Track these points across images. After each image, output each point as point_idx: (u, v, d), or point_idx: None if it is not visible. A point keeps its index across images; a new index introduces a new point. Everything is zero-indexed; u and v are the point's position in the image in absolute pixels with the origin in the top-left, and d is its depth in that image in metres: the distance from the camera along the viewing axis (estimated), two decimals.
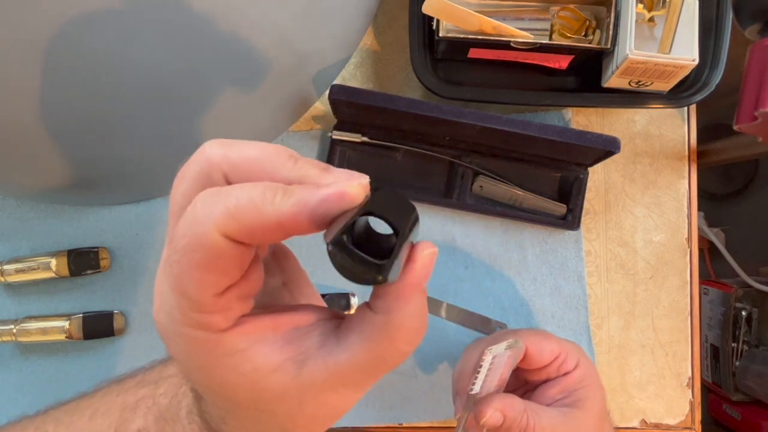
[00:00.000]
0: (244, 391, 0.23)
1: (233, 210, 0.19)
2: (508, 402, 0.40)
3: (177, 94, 0.41)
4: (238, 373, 0.22)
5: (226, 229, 0.20)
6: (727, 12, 0.48)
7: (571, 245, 0.54)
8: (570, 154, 0.50)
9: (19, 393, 0.52)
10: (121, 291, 0.53)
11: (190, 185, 0.22)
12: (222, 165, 0.21)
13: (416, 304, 0.22)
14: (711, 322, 0.92)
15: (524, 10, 0.49)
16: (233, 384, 0.22)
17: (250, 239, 0.20)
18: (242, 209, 0.19)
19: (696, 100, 0.49)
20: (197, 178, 0.21)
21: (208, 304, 0.21)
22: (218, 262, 0.20)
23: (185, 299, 0.21)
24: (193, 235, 0.20)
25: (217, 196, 0.20)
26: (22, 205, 0.53)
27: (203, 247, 0.20)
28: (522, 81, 0.52)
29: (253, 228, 0.20)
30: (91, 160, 0.44)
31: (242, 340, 0.22)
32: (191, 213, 0.20)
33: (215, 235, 0.20)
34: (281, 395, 0.22)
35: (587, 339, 0.53)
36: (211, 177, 0.21)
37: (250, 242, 0.20)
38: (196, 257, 0.20)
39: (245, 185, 0.20)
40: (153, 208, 0.53)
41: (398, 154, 0.52)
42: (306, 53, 0.47)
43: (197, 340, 0.22)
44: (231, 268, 0.21)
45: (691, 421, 0.54)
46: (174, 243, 0.21)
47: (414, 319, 0.22)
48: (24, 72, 0.34)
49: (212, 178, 0.21)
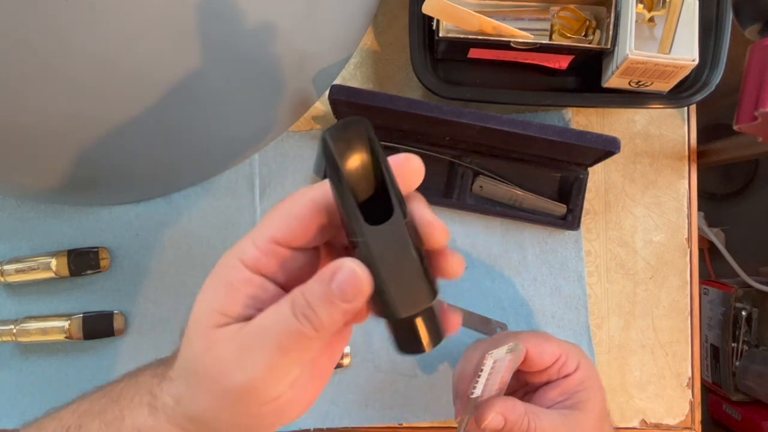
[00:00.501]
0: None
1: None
2: (509, 405, 0.40)
3: (177, 94, 0.41)
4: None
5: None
6: (727, 12, 0.48)
7: (571, 245, 0.54)
8: (570, 154, 0.50)
9: (18, 393, 0.52)
10: (121, 291, 0.53)
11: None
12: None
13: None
14: (711, 322, 0.92)
15: (524, 11, 0.49)
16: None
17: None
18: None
19: (696, 100, 0.49)
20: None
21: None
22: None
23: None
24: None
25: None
26: (22, 205, 0.53)
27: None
28: (522, 81, 0.52)
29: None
30: (91, 160, 0.44)
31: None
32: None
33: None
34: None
35: (587, 339, 0.53)
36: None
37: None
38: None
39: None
40: (153, 208, 0.53)
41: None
42: (306, 53, 0.47)
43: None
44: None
45: (691, 421, 0.54)
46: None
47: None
48: (24, 72, 0.34)
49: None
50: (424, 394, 0.53)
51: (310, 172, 0.53)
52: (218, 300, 0.27)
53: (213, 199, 0.53)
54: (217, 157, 0.51)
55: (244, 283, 0.27)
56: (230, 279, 0.27)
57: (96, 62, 0.35)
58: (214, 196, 0.53)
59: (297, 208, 0.26)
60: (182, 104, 0.42)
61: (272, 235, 0.26)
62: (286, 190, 0.53)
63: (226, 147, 0.50)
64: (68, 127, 0.40)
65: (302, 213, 0.26)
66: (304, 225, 0.27)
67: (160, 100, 0.41)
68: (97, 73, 0.36)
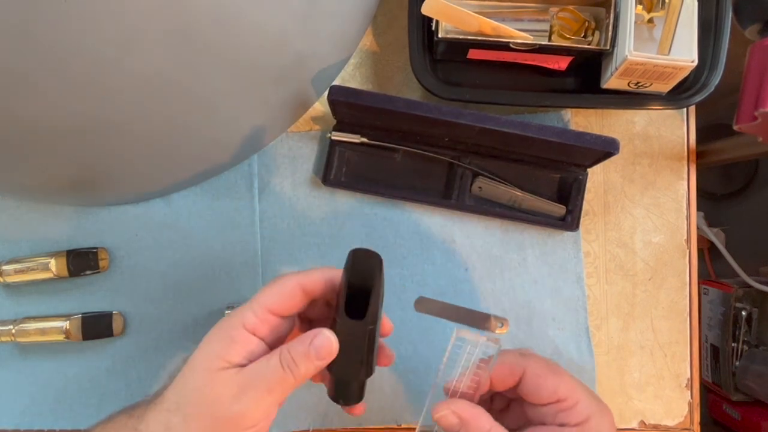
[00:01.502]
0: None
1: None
2: (473, 412, 0.37)
3: (177, 95, 0.41)
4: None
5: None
6: (726, 13, 0.48)
7: (570, 246, 0.54)
8: (569, 155, 0.50)
9: (17, 393, 0.52)
10: (120, 291, 0.53)
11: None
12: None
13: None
14: (711, 322, 0.92)
15: (523, 11, 0.49)
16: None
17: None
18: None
19: (695, 101, 0.49)
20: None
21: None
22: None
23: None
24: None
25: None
26: (21, 205, 0.53)
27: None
28: (521, 82, 0.52)
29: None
30: (91, 160, 0.44)
31: None
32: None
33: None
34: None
35: (586, 340, 0.53)
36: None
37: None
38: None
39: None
40: (152, 208, 0.53)
41: (397, 155, 0.52)
42: (305, 54, 0.47)
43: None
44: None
45: (690, 422, 0.54)
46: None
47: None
48: (24, 72, 0.34)
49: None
50: (423, 395, 0.53)
51: (309, 172, 0.53)
52: (222, 349, 0.35)
53: (212, 199, 0.53)
54: (217, 157, 0.51)
55: (244, 341, 0.35)
56: (233, 336, 0.35)
57: (95, 62, 0.35)
58: (213, 197, 0.53)
59: (289, 289, 0.37)
60: (181, 105, 0.42)
61: (268, 307, 0.36)
62: (285, 191, 0.53)
63: (225, 147, 0.50)
64: (68, 127, 0.40)
65: (293, 293, 0.37)
66: (293, 302, 0.37)
67: (160, 101, 0.41)
68: (97, 73, 0.36)
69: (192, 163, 0.50)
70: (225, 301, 0.53)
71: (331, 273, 0.37)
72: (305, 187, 0.53)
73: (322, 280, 0.37)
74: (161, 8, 0.34)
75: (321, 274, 0.37)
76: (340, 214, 0.53)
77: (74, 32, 0.33)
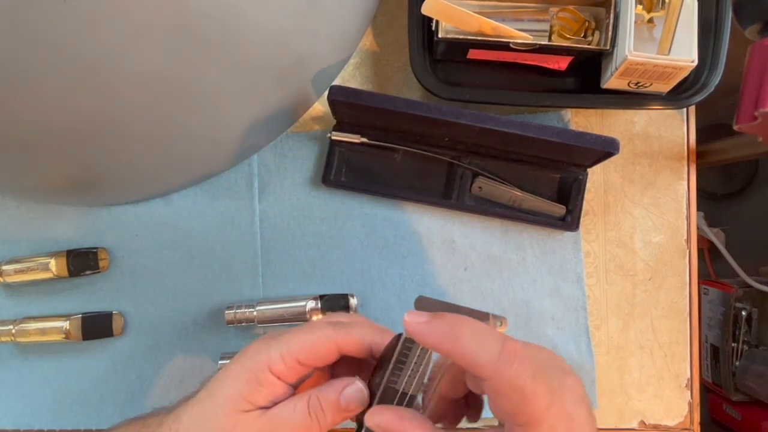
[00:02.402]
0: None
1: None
2: (415, 425, 0.31)
3: (176, 95, 0.41)
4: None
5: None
6: (726, 13, 0.48)
7: (570, 246, 0.54)
8: (569, 155, 0.50)
9: (17, 393, 0.52)
10: (120, 291, 0.53)
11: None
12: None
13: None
14: (711, 322, 0.92)
15: (523, 11, 0.49)
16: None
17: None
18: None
19: (695, 101, 0.49)
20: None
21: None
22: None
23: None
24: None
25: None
26: (21, 205, 0.53)
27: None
28: (521, 82, 0.52)
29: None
30: (90, 160, 0.44)
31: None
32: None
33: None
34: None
35: (586, 340, 0.53)
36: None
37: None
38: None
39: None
40: (152, 208, 0.53)
41: (397, 155, 0.52)
42: (305, 54, 0.47)
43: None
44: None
45: (690, 422, 0.54)
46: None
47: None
48: (24, 72, 0.34)
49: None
50: None
51: (309, 172, 0.53)
52: (247, 391, 0.34)
53: (212, 199, 0.53)
54: (216, 157, 0.51)
55: (270, 385, 0.34)
56: (259, 378, 0.34)
57: (96, 62, 0.35)
58: (213, 197, 0.53)
59: (324, 345, 0.35)
60: (181, 105, 0.42)
61: (299, 359, 0.34)
62: (285, 191, 0.53)
63: (225, 147, 0.50)
64: (68, 127, 0.40)
65: (327, 350, 0.35)
66: (324, 358, 0.35)
67: (159, 101, 0.41)
68: (97, 73, 0.36)
69: (192, 163, 0.50)
70: (225, 301, 0.53)
71: (373, 336, 0.35)
72: (305, 187, 0.53)
73: (363, 345, 0.35)
74: (161, 8, 0.34)
75: (361, 337, 0.35)
76: (340, 214, 0.53)
77: (74, 32, 0.33)
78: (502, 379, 0.29)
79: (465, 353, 0.29)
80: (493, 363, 0.29)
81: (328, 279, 0.53)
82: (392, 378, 0.33)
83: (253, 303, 0.51)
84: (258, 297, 0.53)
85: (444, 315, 0.31)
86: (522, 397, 0.28)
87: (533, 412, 0.28)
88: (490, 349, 0.29)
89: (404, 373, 0.33)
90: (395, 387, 0.34)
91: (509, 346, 0.29)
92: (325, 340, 0.34)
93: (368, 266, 0.53)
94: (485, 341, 0.30)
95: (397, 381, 0.33)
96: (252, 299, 0.52)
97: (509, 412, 0.29)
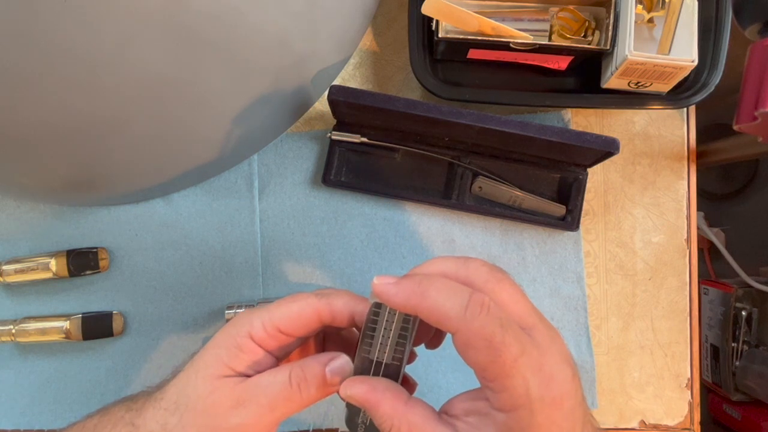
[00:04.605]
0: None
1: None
2: (371, 398, 0.31)
3: (176, 95, 0.41)
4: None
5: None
6: (726, 13, 0.48)
7: (570, 246, 0.54)
8: (569, 155, 0.50)
9: (17, 393, 0.52)
10: (120, 291, 0.53)
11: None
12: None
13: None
14: (711, 322, 0.92)
15: (523, 11, 0.49)
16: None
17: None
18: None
19: (695, 101, 0.49)
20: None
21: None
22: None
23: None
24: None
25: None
26: (21, 205, 0.53)
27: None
28: (521, 82, 0.52)
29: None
30: (90, 159, 0.44)
31: None
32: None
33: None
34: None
35: (586, 340, 0.53)
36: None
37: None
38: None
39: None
40: (152, 208, 0.53)
41: (397, 155, 0.52)
42: (305, 54, 0.47)
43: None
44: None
45: (690, 421, 0.54)
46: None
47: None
48: (24, 72, 0.34)
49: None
50: (422, 395, 0.52)
51: (309, 172, 0.53)
52: (227, 356, 0.33)
53: (212, 199, 0.53)
54: (217, 157, 0.51)
55: (250, 351, 0.34)
56: (239, 344, 0.33)
57: (96, 62, 0.35)
58: (213, 197, 0.53)
59: (305, 314, 0.34)
60: (181, 105, 0.42)
61: (280, 327, 0.34)
62: (285, 191, 0.53)
63: (225, 147, 0.50)
64: (67, 127, 0.40)
65: (308, 319, 0.34)
66: (305, 326, 0.34)
67: (159, 101, 0.41)
68: (97, 73, 0.36)
69: (192, 162, 0.50)
70: (225, 301, 0.53)
71: (355, 304, 0.34)
72: (305, 187, 0.53)
73: (344, 313, 0.34)
74: (161, 8, 0.34)
75: (343, 304, 0.34)
76: (340, 214, 0.53)
77: (74, 32, 0.33)
78: (470, 329, 0.28)
79: (432, 307, 0.29)
80: (460, 315, 0.29)
81: (328, 279, 0.53)
82: (364, 347, 0.33)
83: (253, 303, 0.51)
84: (258, 297, 0.53)
85: (411, 275, 0.32)
86: (490, 347, 0.28)
87: (503, 362, 0.28)
88: (457, 302, 0.29)
89: (375, 341, 0.33)
90: (369, 357, 0.33)
91: (476, 297, 0.29)
92: (307, 309, 0.34)
93: (368, 266, 0.53)
94: (452, 294, 0.29)
95: (370, 350, 0.33)
96: (252, 299, 0.52)
97: (481, 366, 0.28)
